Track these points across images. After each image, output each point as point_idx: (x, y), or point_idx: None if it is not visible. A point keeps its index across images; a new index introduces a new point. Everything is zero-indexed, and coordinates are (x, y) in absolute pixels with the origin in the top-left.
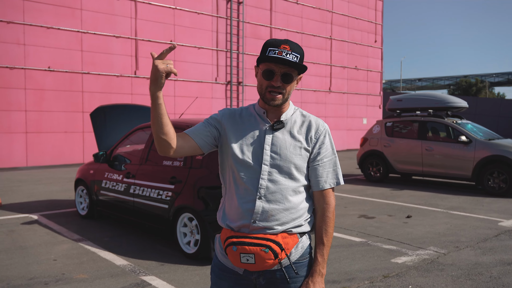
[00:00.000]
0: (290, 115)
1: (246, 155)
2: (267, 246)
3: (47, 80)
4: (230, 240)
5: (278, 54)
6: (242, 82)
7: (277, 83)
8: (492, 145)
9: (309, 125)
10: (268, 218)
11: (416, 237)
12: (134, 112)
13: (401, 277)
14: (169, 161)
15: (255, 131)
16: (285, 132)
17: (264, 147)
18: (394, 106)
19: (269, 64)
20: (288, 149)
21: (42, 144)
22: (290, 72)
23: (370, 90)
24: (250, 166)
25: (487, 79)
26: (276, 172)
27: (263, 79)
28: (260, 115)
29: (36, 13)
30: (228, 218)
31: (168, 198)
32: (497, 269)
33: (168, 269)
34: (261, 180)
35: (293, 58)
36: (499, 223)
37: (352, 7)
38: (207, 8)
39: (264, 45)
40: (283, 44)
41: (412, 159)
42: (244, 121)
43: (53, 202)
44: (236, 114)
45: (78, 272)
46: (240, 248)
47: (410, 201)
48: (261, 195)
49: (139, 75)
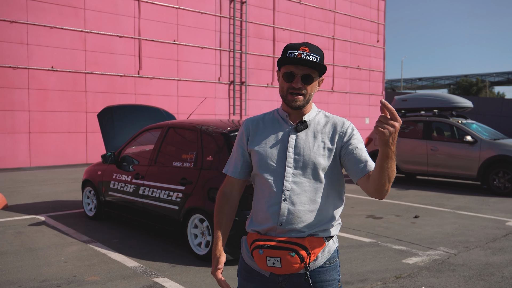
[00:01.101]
0: (313, 117)
1: (269, 158)
2: (294, 250)
3: (50, 80)
4: (256, 243)
5: (297, 56)
6: (245, 82)
7: (297, 85)
8: (497, 145)
9: (333, 123)
10: (294, 220)
11: (425, 237)
12: (141, 112)
13: (413, 278)
14: (179, 162)
15: (278, 134)
16: (308, 133)
17: (287, 149)
18: (399, 106)
19: (289, 67)
20: (311, 149)
21: (46, 145)
22: (310, 73)
23: (372, 89)
24: (274, 168)
25: (487, 78)
26: (300, 174)
27: (284, 81)
28: (283, 118)
29: (39, 13)
30: (255, 223)
31: (178, 199)
32: (509, 269)
33: (180, 270)
34: (285, 182)
35: (313, 59)
36: (506, 223)
37: (354, 7)
38: (210, 8)
39: (284, 49)
40: (302, 47)
41: (417, 159)
42: (267, 126)
43: (59, 203)
44: (259, 121)
45: (89, 274)
46: (266, 251)
47: (417, 201)
48: (286, 197)
49: (142, 75)
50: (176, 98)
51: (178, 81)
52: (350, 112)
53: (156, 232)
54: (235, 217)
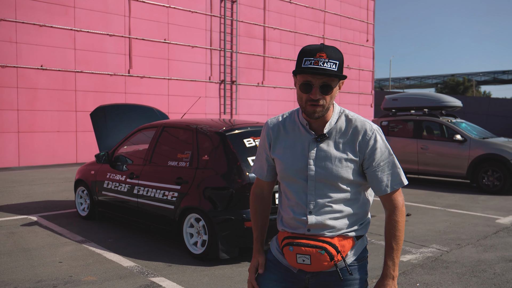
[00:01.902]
0: (334, 123)
1: (291, 171)
2: (323, 248)
3: (39, 78)
4: (287, 241)
5: (314, 64)
6: (235, 81)
7: (316, 96)
8: (486, 143)
9: (355, 131)
10: (323, 227)
11: (417, 235)
12: (135, 111)
13: (408, 275)
14: (174, 162)
15: (299, 143)
16: (330, 143)
17: (308, 162)
18: (389, 106)
19: (306, 76)
20: (333, 162)
21: (35, 144)
22: (329, 83)
23: (362, 89)
24: (296, 181)
25: (474, 78)
26: (323, 186)
27: (301, 92)
28: (304, 125)
29: (28, 11)
30: (284, 224)
31: (174, 198)
32: (500, 266)
33: (177, 270)
34: (309, 196)
35: (331, 66)
36: (496, 221)
37: (344, 7)
38: (201, 7)
39: (299, 54)
40: (319, 52)
41: (407, 157)
42: (288, 132)
43: (51, 203)
44: (280, 126)
45: (85, 274)
46: (297, 248)
47: (408, 199)
48: (311, 210)
49: (132, 74)
50: (167, 97)
51: (168, 80)
52: None
53: (151, 231)
54: (231, 216)
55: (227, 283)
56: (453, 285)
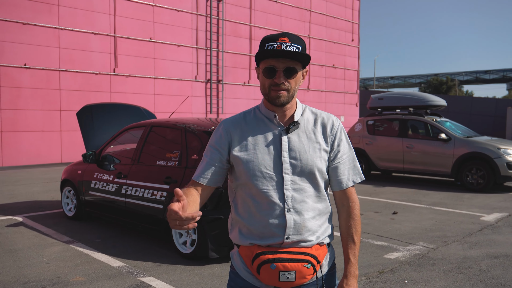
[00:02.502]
0: (301, 115)
1: (262, 165)
2: (308, 261)
3: (23, 77)
4: (264, 257)
5: (277, 48)
6: (222, 80)
7: (280, 80)
8: (470, 142)
9: (323, 122)
10: (302, 230)
11: (404, 233)
12: (121, 111)
13: (396, 273)
14: (163, 161)
15: (267, 137)
16: (301, 134)
17: (282, 154)
18: (375, 105)
19: (269, 61)
20: (308, 152)
21: (18, 144)
22: (293, 66)
23: (347, 88)
24: (270, 177)
25: (456, 77)
26: (299, 179)
27: (264, 78)
28: (270, 118)
29: (11, 9)
30: (251, 236)
31: (163, 198)
32: (485, 263)
33: (166, 269)
34: (286, 191)
35: (295, 49)
36: (481, 218)
37: (330, 6)
38: (186, 6)
39: (261, 42)
40: (281, 37)
41: (393, 156)
42: (252, 128)
43: (36, 203)
44: (241, 122)
45: (74, 274)
46: (280, 265)
47: (394, 198)
48: (289, 207)
49: (118, 73)
50: (153, 96)
51: (154, 79)
52: (326, 110)
53: (139, 231)
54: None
55: (217, 282)
56: (441, 282)
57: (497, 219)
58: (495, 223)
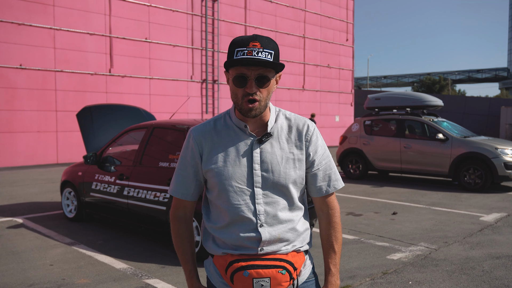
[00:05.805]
0: (274, 122)
1: (233, 179)
2: (283, 267)
3: (19, 78)
4: (237, 265)
5: (247, 54)
6: (217, 80)
7: (252, 89)
8: (467, 142)
9: (296, 129)
10: (276, 242)
11: (405, 234)
12: (121, 112)
13: (399, 274)
14: (165, 163)
15: (239, 148)
16: (274, 144)
17: (253, 167)
18: (372, 105)
19: (239, 68)
20: (281, 163)
21: (14, 144)
22: (265, 74)
23: (342, 88)
24: (241, 191)
25: (449, 76)
26: (272, 193)
27: (235, 87)
28: (241, 128)
29: (6, 9)
30: (224, 246)
31: (165, 199)
32: (488, 263)
33: (170, 271)
34: (257, 205)
35: (266, 56)
36: (480, 218)
37: (324, 6)
38: (182, 6)
39: (230, 46)
40: (252, 42)
41: (390, 156)
42: (223, 138)
43: (35, 204)
44: (211, 131)
45: (78, 277)
46: (254, 272)
47: (393, 198)
48: (261, 222)
49: (113, 73)
50: (149, 96)
51: (150, 80)
52: (321, 110)
53: (141, 233)
54: None
55: None
56: (445, 283)
57: (496, 219)
58: (495, 223)
